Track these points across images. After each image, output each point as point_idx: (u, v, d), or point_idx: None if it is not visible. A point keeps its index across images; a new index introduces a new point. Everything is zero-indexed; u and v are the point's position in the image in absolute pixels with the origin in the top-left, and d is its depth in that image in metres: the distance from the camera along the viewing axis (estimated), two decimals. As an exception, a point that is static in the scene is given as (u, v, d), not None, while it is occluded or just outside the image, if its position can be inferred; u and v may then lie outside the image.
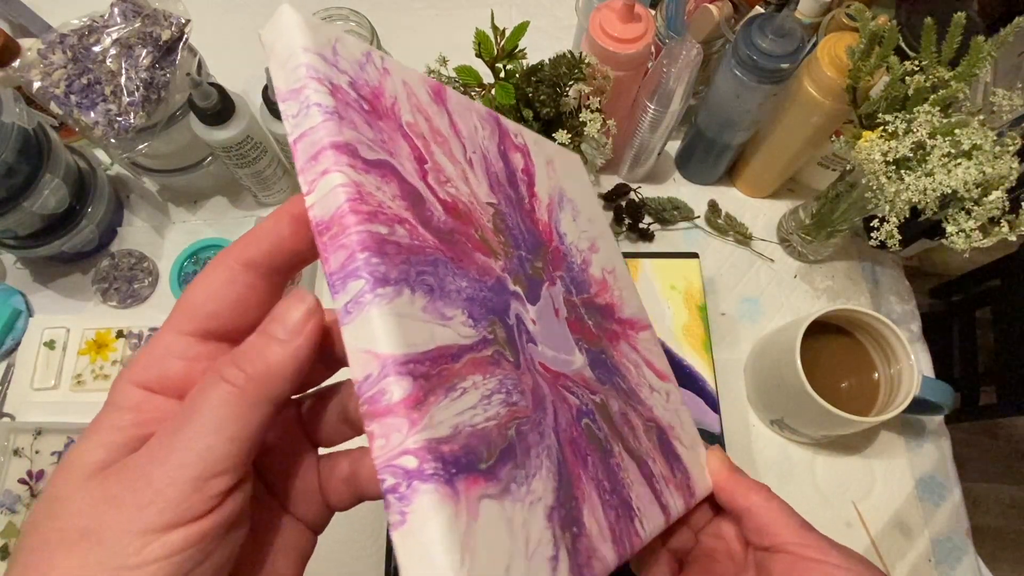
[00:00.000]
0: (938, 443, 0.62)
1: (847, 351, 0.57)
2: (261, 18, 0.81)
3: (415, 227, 0.22)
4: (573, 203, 0.34)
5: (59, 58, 0.54)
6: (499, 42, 0.50)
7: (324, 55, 0.21)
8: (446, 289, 0.22)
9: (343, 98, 0.21)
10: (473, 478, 0.19)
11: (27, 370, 0.61)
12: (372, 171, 0.21)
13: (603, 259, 0.35)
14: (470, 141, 0.27)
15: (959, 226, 0.47)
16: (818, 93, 0.54)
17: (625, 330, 0.34)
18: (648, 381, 0.33)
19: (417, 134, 0.24)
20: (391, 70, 0.24)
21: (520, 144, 0.32)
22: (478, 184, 0.26)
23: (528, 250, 0.28)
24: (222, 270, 0.21)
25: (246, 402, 0.19)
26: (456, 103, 0.28)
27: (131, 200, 0.69)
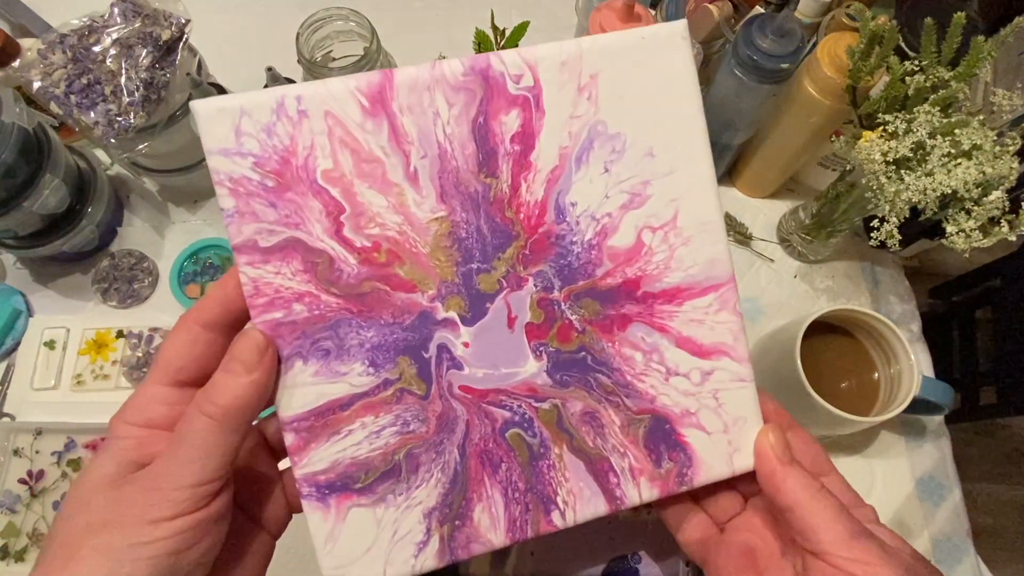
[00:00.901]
0: (938, 443, 0.62)
1: (847, 351, 0.57)
2: (261, 18, 0.82)
3: (317, 296, 0.27)
4: (619, 138, 0.29)
5: (59, 58, 0.54)
6: (499, 42, 0.50)
7: (226, 148, 0.25)
8: (346, 346, 0.27)
9: (244, 189, 0.26)
10: (345, 495, 0.28)
11: (27, 370, 0.61)
12: (272, 257, 0.26)
13: (653, 211, 0.29)
14: (422, 141, 0.27)
15: (959, 226, 0.47)
16: (818, 93, 0.54)
17: (650, 307, 0.30)
18: (667, 366, 0.30)
19: (336, 180, 0.26)
20: (309, 109, 0.26)
21: (521, 92, 0.27)
22: (420, 202, 0.27)
23: (486, 257, 0.28)
24: (184, 332, 0.27)
25: (222, 428, 0.25)
26: (409, 94, 0.27)
27: (131, 200, 0.69)
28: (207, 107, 0.25)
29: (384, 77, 0.26)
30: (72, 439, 0.57)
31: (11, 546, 0.55)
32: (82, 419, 0.58)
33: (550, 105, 0.28)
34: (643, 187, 0.29)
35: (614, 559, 0.51)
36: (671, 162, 0.29)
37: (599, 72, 0.28)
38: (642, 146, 0.29)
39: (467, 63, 0.27)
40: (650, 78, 0.29)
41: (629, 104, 0.28)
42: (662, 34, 0.29)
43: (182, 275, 0.64)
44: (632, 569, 0.51)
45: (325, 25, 0.63)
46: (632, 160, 0.29)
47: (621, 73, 0.28)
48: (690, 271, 0.30)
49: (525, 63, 0.27)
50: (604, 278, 0.30)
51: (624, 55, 0.28)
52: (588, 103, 0.28)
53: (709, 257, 0.30)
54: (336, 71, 0.60)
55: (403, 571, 0.29)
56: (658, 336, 0.30)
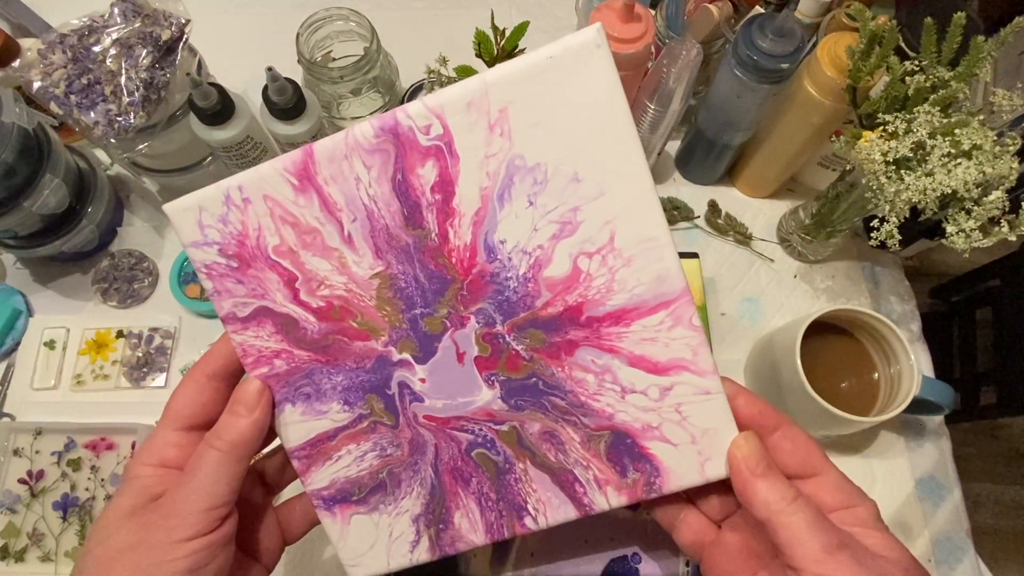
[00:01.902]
0: (938, 443, 0.62)
1: (847, 351, 0.57)
2: (261, 18, 0.82)
3: (291, 352, 0.31)
4: (540, 169, 0.27)
5: (59, 58, 0.54)
6: (499, 42, 0.50)
7: (196, 241, 0.30)
8: (322, 390, 0.32)
9: (217, 272, 0.30)
10: (346, 505, 0.34)
11: (27, 370, 0.61)
12: (250, 324, 0.31)
13: (586, 237, 0.28)
14: (350, 207, 0.29)
15: (959, 226, 0.47)
16: (818, 93, 0.54)
17: (596, 331, 0.30)
18: (621, 385, 0.30)
19: (285, 253, 0.30)
20: (251, 196, 0.29)
21: (432, 143, 0.27)
22: (359, 261, 0.30)
23: (427, 302, 0.30)
24: (192, 383, 0.32)
25: (229, 460, 0.30)
26: (329, 165, 0.28)
27: (131, 200, 0.69)
28: (174, 208, 0.30)
29: (305, 154, 0.28)
30: (72, 439, 0.57)
31: (11, 546, 0.55)
32: (82, 419, 0.58)
33: (463, 149, 0.27)
34: (572, 214, 0.28)
35: (614, 559, 0.51)
36: (600, 184, 0.28)
37: (508, 105, 0.27)
38: (566, 173, 0.28)
39: (376, 124, 0.28)
40: (566, 98, 0.27)
41: (546, 131, 0.27)
42: (573, 47, 0.26)
43: (182, 275, 0.64)
44: (632, 569, 0.51)
45: (325, 25, 0.63)
46: (557, 189, 0.28)
47: (533, 100, 0.27)
48: (635, 291, 0.29)
49: (431, 112, 0.27)
50: (545, 308, 0.30)
51: (533, 81, 0.26)
52: (501, 139, 0.27)
53: (655, 274, 0.29)
54: (336, 71, 0.60)
55: (402, 563, 0.34)
56: (608, 357, 0.30)
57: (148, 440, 0.32)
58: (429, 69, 0.51)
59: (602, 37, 0.26)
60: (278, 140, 0.61)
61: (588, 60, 0.26)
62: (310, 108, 0.59)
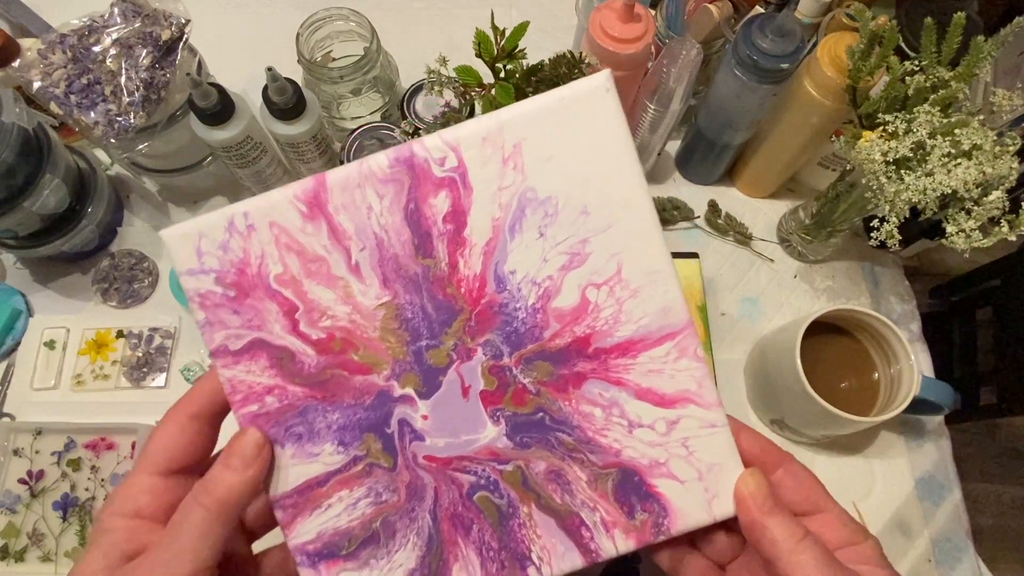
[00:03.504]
0: (938, 443, 0.62)
1: (847, 351, 0.57)
2: (261, 18, 0.82)
3: (285, 388, 0.29)
4: (551, 202, 0.29)
5: (59, 58, 0.54)
6: (499, 42, 0.49)
7: (192, 268, 0.29)
8: (315, 429, 0.30)
9: (211, 302, 0.29)
10: (333, 561, 0.30)
11: (27, 370, 0.61)
12: (242, 358, 0.29)
13: (594, 268, 0.29)
14: (359, 235, 0.29)
15: (959, 226, 0.47)
16: (818, 93, 0.54)
17: (604, 363, 0.30)
18: (628, 419, 0.30)
19: (288, 282, 0.29)
20: (256, 222, 0.29)
21: (446, 174, 0.28)
22: (365, 291, 0.29)
23: (433, 334, 0.30)
24: (172, 424, 0.29)
25: (216, 519, 0.27)
26: (342, 193, 0.28)
27: (131, 200, 0.70)
28: (172, 234, 0.29)
29: (317, 182, 0.28)
30: (72, 439, 0.57)
31: (11, 546, 0.55)
32: (82, 419, 0.58)
33: (477, 181, 0.28)
34: (582, 246, 0.29)
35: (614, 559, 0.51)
36: (608, 217, 0.29)
37: (522, 140, 0.28)
38: (576, 205, 0.29)
39: (392, 156, 0.28)
40: (577, 136, 0.28)
41: (557, 166, 0.29)
42: (583, 90, 0.28)
43: (182, 275, 0.64)
44: (632, 569, 0.51)
45: (325, 25, 0.63)
46: (567, 221, 0.29)
47: (545, 137, 0.28)
48: (642, 322, 0.30)
49: (447, 145, 0.28)
50: (553, 339, 0.30)
51: (546, 119, 0.28)
52: (515, 172, 0.28)
53: (661, 306, 0.30)
54: (336, 71, 0.60)
55: None
56: (616, 390, 0.30)
57: (122, 486, 0.29)
58: (429, 69, 0.51)
59: (611, 82, 0.28)
60: (278, 140, 0.61)
61: (598, 102, 0.28)
62: (310, 108, 0.59)
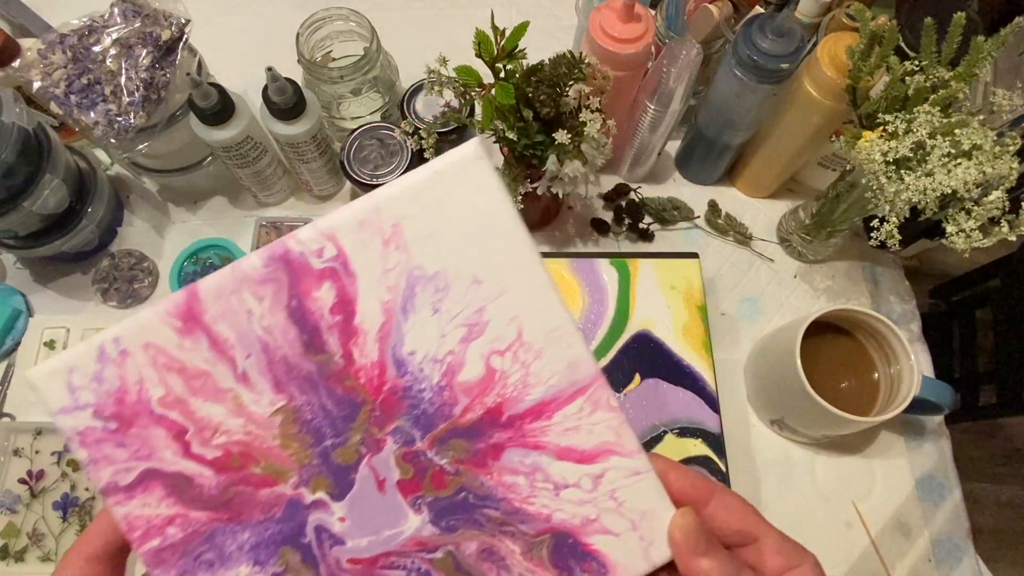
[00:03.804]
0: (938, 443, 0.62)
1: (847, 351, 0.57)
2: (261, 18, 0.82)
3: (186, 515, 0.28)
4: (440, 276, 0.28)
5: (59, 58, 0.54)
6: (499, 42, 0.49)
7: (65, 406, 0.27)
8: (227, 553, 0.28)
9: (93, 438, 0.27)
10: None
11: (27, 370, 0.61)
12: (135, 492, 0.28)
13: (495, 335, 0.29)
14: (242, 343, 0.27)
15: (959, 226, 0.47)
16: (818, 93, 0.54)
17: (520, 429, 0.29)
18: (553, 482, 0.30)
19: (172, 403, 0.28)
20: (129, 347, 0.27)
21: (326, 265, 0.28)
22: (257, 399, 0.28)
23: (338, 431, 0.28)
24: (68, 570, 0.27)
25: None
26: (217, 302, 0.27)
27: (131, 200, 0.70)
28: (38, 373, 0.27)
29: (189, 294, 0.27)
30: (72, 439, 0.57)
31: (11, 546, 0.55)
32: (82, 419, 0.58)
33: (360, 267, 0.28)
34: (478, 315, 0.29)
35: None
36: (501, 282, 0.29)
37: (401, 220, 0.28)
38: (466, 277, 0.28)
39: (265, 255, 0.27)
40: (455, 208, 0.28)
41: (441, 241, 0.28)
42: (454, 162, 0.28)
43: (182, 275, 0.64)
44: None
45: (325, 25, 0.63)
46: (459, 293, 0.28)
47: (424, 213, 0.28)
48: (551, 382, 0.29)
49: (323, 235, 0.27)
50: (464, 415, 0.29)
51: (422, 195, 0.28)
52: (398, 253, 0.28)
53: (568, 362, 0.29)
54: (336, 71, 0.60)
55: None
56: (536, 455, 0.30)
57: None
58: (429, 69, 0.51)
59: (480, 150, 0.28)
60: (278, 140, 0.61)
61: (470, 172, 0.28)
62: (310, 108, 0.59)
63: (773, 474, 0.60)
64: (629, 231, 0.68)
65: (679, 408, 0.56)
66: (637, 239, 0.68)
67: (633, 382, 0.57)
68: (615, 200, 0.70)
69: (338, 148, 0.64)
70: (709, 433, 0.56)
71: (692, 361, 0.58)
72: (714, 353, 0.59)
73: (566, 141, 0.50)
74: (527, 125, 0.51)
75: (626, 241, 0.69)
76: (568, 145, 0.51)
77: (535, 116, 0.51)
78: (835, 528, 0.58)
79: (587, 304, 0.59)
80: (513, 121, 0.51)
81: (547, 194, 0.55)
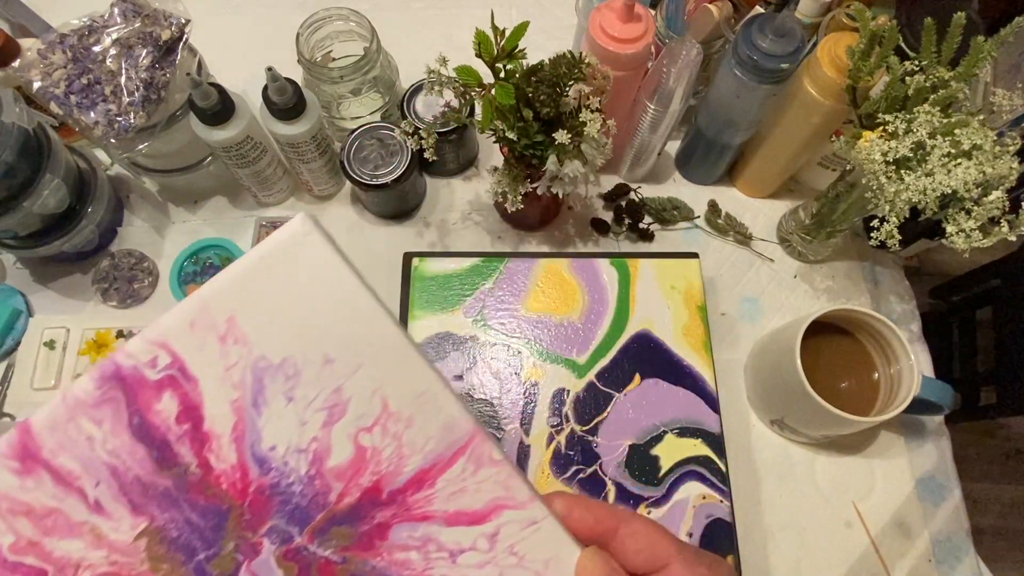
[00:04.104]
0: (938, 443, 0.62)
1: (847, 351, 0.57)
2: (261, 19, 0.82)
3: None
4: (288, 363, 0.27)
5: (59, 58, 0.54)
6: (499, 42, 0.49)
7: None
8: None
9: None
10: None
11: (27, 370, 0.61)
12: None
13: (359, 413, 0.27)
14: (88, 472, 0.26)
15: (959, 226, 0.47)
16: (818, 93, 0.54)
17: (403, 504, 0.28)
18: (448, 550, 0.29)
19: (25, 548, 0.26)
20: None
21: (163, 375, 0.26)
22: (116, 526, 0.26)
23: (209, 543, 0.27)
24: None
25: None
26: (52, 435, 0.26)
27: (131, 200, 0.70)
28: None
29: (21, 431, 0.26)
30: (72, 439, 0.57)
31: (11, 546, 0.55)
32: (82, 419, 0.58)
33: (199, 370, 0.26)
34: (337, 395, 0.27)
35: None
36: (355, 356, 0.27)
37: (234, 312, 0.26)
38: (316, 358, 0.27)
39: (95, 376, 0.26)
40: (291, 289, 0.27)
41: (282, 325, 0.27)
42: (282, 241, 0.27)
43: (182, 275, 0.64)
44: (632, 569, 0.51)
45: (325, 25, 0.63)
46: (312, 376, 0.27)
47: (258, 301, 0.27)
48: (427, 448, 0.28)
49: (154, 344, 0.26)
50: (341, 500, 0.28)
51: (252, 283, 0.27)
52: (238, 347, 0.26)
53: (442, 425, 0.28)
54: (336, 71, 0.60)
55: None
56: (425, 526, 0.28)
57: None
58: (429, 69, 0.51)
59: (308, 224, 0.26)
60: (278, 140, 0.61)
61: (301, 249, 0.27)
62: (310, 108, 0.59)
63: (773, 474, 0.60)
64: (629, 231, 0.68)
65: (679, 408, 0.56)
66: (637, 239, 0.68)
67: (633, 382, 0.57)
68: (615, 200, 0.70)
69: (338, 148, 0.64)
70: (709, 433, 0.56)
71: (692, 361, 0.58)
72: (714, 353, 0.59)
73: (566, 141, 0.50)
74: (527, 125, 0.51)
75: (626, 241, 0.69)
76: (568, 145, 0.51)
77: (535, 116, 0.51)
78: (835, 528, 0.58)
79: (587, 304, 0.59)
80: (513, 121, 0.51)
81: (547, 194, 0.55)
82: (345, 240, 0.68)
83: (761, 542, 0.57)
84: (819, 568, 0.57)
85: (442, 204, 0.70)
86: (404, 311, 0.59)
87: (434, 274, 0.60)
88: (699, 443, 0.55)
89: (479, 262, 0.61)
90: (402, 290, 0.60)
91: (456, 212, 0.70)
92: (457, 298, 0.59)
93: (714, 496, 0.53)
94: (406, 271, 0.60)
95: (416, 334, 0.58)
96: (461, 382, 0.56)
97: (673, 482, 0.54)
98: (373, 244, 0.68)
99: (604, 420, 0.55)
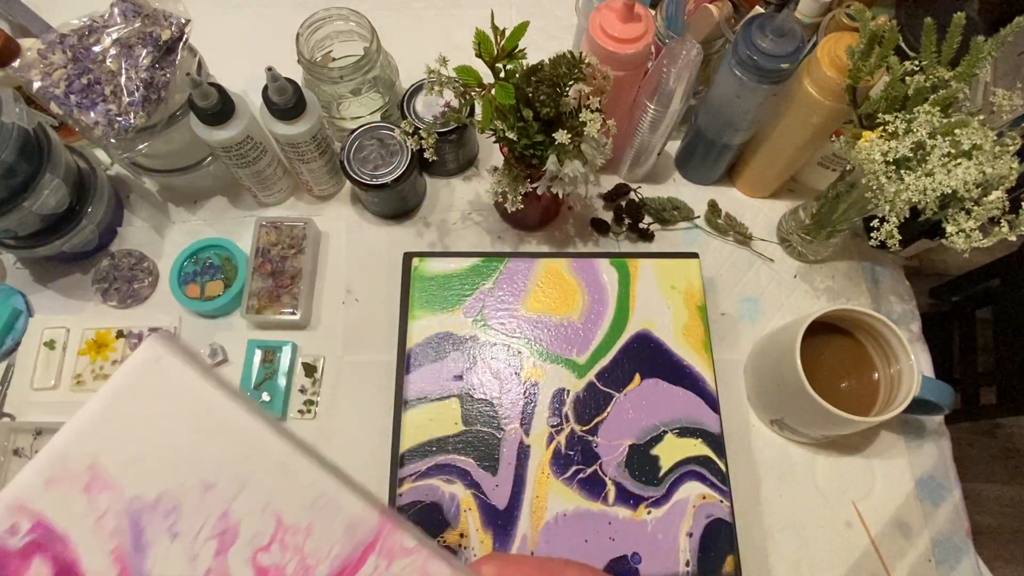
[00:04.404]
0: (938, 443, 0.62)
1: (847, 351, 0.57)
2: (261, 18, 0.82)
3: None
4: (165, 498, 0.25)
5: (59, 58, 0.54)
6: (499, 42, 0.49)
7: None
8: None
9: None
10: None
11: (27, 370, 0.61)
12: None
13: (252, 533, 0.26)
14: None
15: (959, 226, 0.47)
16: (818, 93, 0.54)
17: None
18: None
19: None
20: None
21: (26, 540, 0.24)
22: None
23: None
24: None
25: None
26: None
27: (131, 200, 0.70)
28: None
29: None
30: (72, 439, 0.57)
31: (11, 546, 0.55)
32: (82, 419, 0.58)
33: (68, 527, 0.24)
34: (224, 521, 0.25)
35: (614, 559, 0.51)
36: (236, 476, 0.26)
37: (95, 457, 0.25)
38: (194, 486, 0.25)
39: None
40: (152, 418, 0.25)
41: (150, 460, 0.25)
42: (131, 371, 0.25)
43: (182, 275, 0.64)
44: (632, 569, 0.51)
45: (325, 25, 0.63)
46: (193, 507, 0.25)
47: (118, 439, 0.25)
48: (333, 553, 0.26)
49: (10, 510, 0.24)
50: None
51: (108, 423, 0.25)
52: (107, 493, 0.25)
53: (345, 526, 0.26)
54: (336, 71, 0.60)
55: None
56: None
57: None
58: (429, 69, 0.51)
59: (158, 348, 0.25)
60: (278, 140, 0.61)
61: (153, 377, 0.25)
62: (310, 108, 0.59)
63: (773, 474, 0.60)
64: (629, 231, 0.68)
65: (679, 408, 0.56)
66: (637, 239, 0.68)
67: (633, 382, 0.57)
68: (615, 200, 0.70)
69: (338, 148, 0.64)
70: (709, 433, 0.56)
71: (692, 361, 0.58)
72: (714, 353, 0.59)
73: (566, 141, 0.50)
74: (527, 125, 0.51)
75: (626, 241, 0.69)
76: (568, 145, 0.51)
77: (535, 116, 0.51)
78: (835, 528, 0.58)
79: (587, 304, 0.59)
80: (513, 121, 0.51)
81: (547, 194, 0.55)
82: (345, 240, 0.68)
83: (761, 542, 0.57)
84: (819, 568, 0.57)
85: (442, 204, 0.70)
86: (404, 311, 0.59)
87: (434, 274, 0.60)
88: (699, 443, 0.55)
89: (479, 262, 0.61)
90: (402, 290, 0.60)
91: (456, 212, 0.70)
92: (457, 298, 0.59)
93: (714, 496, 0.53)
94: (406, 271, 0.60)
95: (416, 334, 0.58)
96: (461, 382, 0.56)
97: (673, 482, 0.54)
98: (373, 244, 0.68)
99: (604, 420, 0.55)
